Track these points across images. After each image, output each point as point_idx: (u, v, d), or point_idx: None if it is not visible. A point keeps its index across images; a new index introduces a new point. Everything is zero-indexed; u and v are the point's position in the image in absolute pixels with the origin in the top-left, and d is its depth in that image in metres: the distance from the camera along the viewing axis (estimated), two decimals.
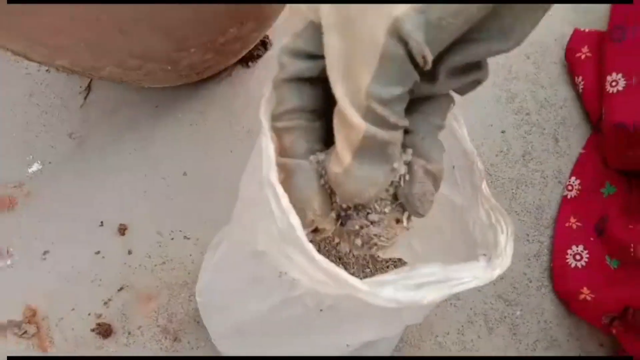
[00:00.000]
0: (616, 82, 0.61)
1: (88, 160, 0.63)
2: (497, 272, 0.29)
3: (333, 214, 0.28)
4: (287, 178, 0.27)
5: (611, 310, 0.54)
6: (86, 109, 0.65)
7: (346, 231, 0.29)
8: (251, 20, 0.50)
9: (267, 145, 0.27)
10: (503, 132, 0.65)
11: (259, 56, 0.66)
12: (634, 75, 0.60)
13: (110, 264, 0.59)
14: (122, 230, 0.60)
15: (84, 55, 0.46)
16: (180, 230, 0.61)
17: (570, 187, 0.62)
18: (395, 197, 0.28)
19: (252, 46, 0.61)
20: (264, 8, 0.50)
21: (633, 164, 0.60)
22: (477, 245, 0.33)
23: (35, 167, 0.63)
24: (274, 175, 0.26)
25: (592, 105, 0.64)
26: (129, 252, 0.60)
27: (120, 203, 0.61)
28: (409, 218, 0.29)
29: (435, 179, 0.28)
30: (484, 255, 0.31)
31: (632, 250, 0.55)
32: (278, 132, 0.27)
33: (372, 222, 0.28)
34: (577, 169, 0.63)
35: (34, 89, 0.66)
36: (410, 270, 0.27)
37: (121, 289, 0.59)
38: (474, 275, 0.28)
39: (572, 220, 0.61)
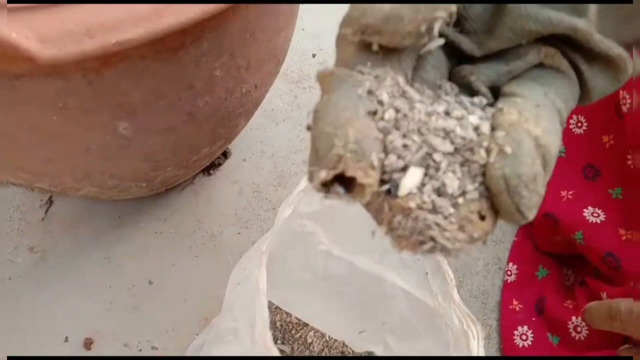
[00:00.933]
0: None
1: (50, 273, 0.63)
2: None
3: (377, 164, 0.19)
4: (327, 93, 0.20)
5: None
6: (47, 221, 0.66)
7: (391, 205, 0.19)
8: (222, 139, 0.55)
9: (262, 306, 0.28)
10: None
11: (219, 164, 0.71)
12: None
13: None
14: (88, 344, 0.59)
15: (66, 179, 0.48)
16: (147, 341, 0.61)
17: (509, 272, 0.69)
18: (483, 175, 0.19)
19: (215, 157, 0.65)
20: (236, 127, 0.55)
21: (560, 247, 0.68)
22: (450, 348, 0.37)
23: None
24: (269, 339, 0.26)
25: None
26: None
27: (85, 316, 0.61)
28: (496, 217, 0.20)
29: (546, 163, 0.19)
30: None
31: (569, 327, 0.62)
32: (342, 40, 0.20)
33: (436, 208, 0.19)
34: (513, 255, 0.71)
35: None
36: None
37: None
38: None
39: (515, 302, 0.67)
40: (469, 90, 0.22)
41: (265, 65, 0.49)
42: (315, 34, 0.84)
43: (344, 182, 0.18)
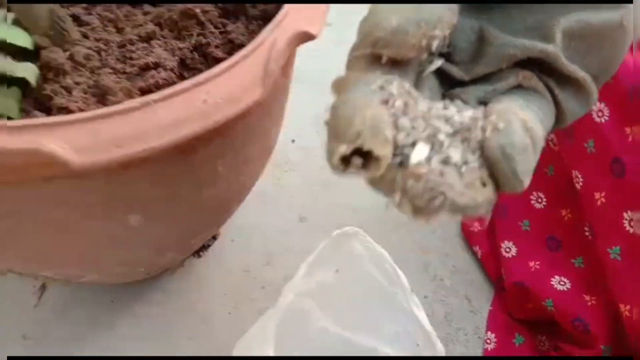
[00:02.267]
0: (509, 248, 0.76)
1: None
2: None
3: (390, 140, 0.21)
4: (343, 93, 0.23)
5: None
6: (40, 308, 0.67)
7: (404, 174, 0.21)
8: (218, 224, 0.59)
9: None
10: (425, 297, 0.76)
11: (208, 246, 0.74)
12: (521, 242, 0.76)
13: None
14: None
15: (72, 267, 0.50)
16: None
17: (488, 341, 0.73)
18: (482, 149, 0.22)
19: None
20: (231, 213, 0.59)
21: (533, 314, 0.73)
22: None
23: None
24: None
25: (491, 268, 0.78)
26: None
27: None
28: (496, 186, 0.22)
29: (534, 143, 0.22)
30: None
31: None
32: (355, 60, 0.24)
33: (444, 174, 0.21)
34: (491, 324, 0.75)
35: None
36: None
37: None
38: None
39: None
40: None
41: (260, 158, 0.54)
42: (293, 122, 0.91)
43: (362, 158, 0.21)
